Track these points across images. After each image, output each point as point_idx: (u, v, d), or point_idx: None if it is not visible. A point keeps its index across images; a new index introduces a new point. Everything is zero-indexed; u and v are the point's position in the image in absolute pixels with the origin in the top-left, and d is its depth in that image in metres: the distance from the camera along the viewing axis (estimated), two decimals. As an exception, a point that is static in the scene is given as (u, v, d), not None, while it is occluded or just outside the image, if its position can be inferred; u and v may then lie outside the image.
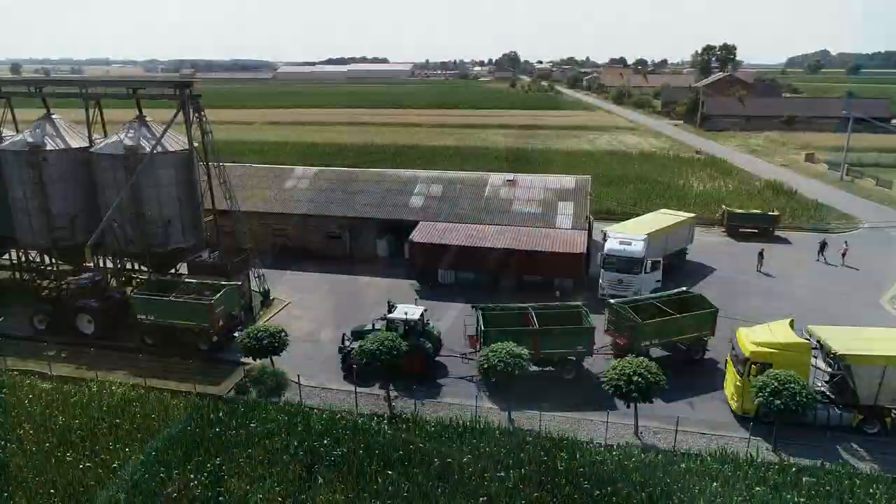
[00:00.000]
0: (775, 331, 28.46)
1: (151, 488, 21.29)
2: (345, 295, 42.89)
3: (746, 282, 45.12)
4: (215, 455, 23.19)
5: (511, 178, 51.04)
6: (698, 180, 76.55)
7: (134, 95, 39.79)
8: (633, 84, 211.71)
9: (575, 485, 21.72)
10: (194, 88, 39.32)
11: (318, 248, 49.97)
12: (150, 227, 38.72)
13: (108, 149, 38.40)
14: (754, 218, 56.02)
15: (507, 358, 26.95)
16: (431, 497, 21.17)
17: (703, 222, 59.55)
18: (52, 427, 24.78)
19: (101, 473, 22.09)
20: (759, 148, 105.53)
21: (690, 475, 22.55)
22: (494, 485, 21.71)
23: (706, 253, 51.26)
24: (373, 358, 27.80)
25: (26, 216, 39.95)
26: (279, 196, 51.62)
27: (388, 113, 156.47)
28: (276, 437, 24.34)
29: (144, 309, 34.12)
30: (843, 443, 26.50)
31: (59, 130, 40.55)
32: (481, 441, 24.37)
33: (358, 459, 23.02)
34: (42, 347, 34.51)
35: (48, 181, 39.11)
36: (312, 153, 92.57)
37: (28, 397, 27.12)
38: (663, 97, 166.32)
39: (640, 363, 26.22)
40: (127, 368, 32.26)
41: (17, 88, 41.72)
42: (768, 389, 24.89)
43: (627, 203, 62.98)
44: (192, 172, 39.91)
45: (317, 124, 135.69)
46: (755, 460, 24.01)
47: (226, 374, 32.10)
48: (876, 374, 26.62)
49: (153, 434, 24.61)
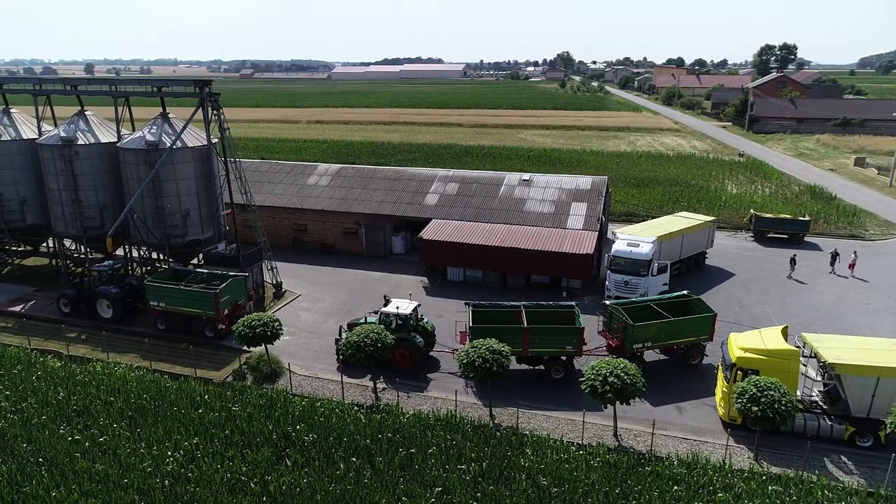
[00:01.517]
0: (765, 337, 27.73)
1: (130, 463, 22.61)
2: (355, 289, 43.87)
3: (764, 288, 43.79)
4: (194, 435, 24.39)
5: (527, 177, 51.03)
6: (735, 183, 74.42)
7: (159, 93, 41.75)
8: (686, 85, 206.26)
9: (533, 481, 21.85)
10: (212, 87, 40.78)
11: (336, 243, 51.22)
12: (170, 219, 40.63)
13: (131, 144, 40.52)
14: (783, 223, 54.13)
15: (486, 354, 27.21)
16: (390, 485, 21.72)
17: (730, 226, 58.17)
18: (53, 402, 26.57)
19: (87, 447, 23.59)
20: (808, 151, 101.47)
21: (653, 478, 22.33)
22: (453, 477, 22.07)
23: (728, 257, 50.04)
24: (356, 350, 28.53)
25: (59, 206, 42.56)
26: (301, 192, 53.15)
27: (430, 112, 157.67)
28: (255, 421, 25.36)
29: (156, 296, 35.92)
30: (833, 455, 25.64)
31: (91, 126, 43.03)
32: (451, 434, 24.73)
33: (327, 445, 23.80)
34: (65, 329, 36.73)
35: (79, 173, 41.55)
36: (348, 151, 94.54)
37: (37, 373, 29.07)
38: (713, 98, 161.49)
39: (618, 364, 26.02)
40: (137, 352, 34.01)
41: (55, 87, 44.37)
42: (746, 396, 24.36)
43: (653, 205, 61.88)
44: (210, 167, 41.65)
45: (359, 123, 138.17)
46: (725, 466, 23.52)
47: (228, 360, 33.41)
48: (868, 385, 25.63)
49: (142, 413, 26.03)
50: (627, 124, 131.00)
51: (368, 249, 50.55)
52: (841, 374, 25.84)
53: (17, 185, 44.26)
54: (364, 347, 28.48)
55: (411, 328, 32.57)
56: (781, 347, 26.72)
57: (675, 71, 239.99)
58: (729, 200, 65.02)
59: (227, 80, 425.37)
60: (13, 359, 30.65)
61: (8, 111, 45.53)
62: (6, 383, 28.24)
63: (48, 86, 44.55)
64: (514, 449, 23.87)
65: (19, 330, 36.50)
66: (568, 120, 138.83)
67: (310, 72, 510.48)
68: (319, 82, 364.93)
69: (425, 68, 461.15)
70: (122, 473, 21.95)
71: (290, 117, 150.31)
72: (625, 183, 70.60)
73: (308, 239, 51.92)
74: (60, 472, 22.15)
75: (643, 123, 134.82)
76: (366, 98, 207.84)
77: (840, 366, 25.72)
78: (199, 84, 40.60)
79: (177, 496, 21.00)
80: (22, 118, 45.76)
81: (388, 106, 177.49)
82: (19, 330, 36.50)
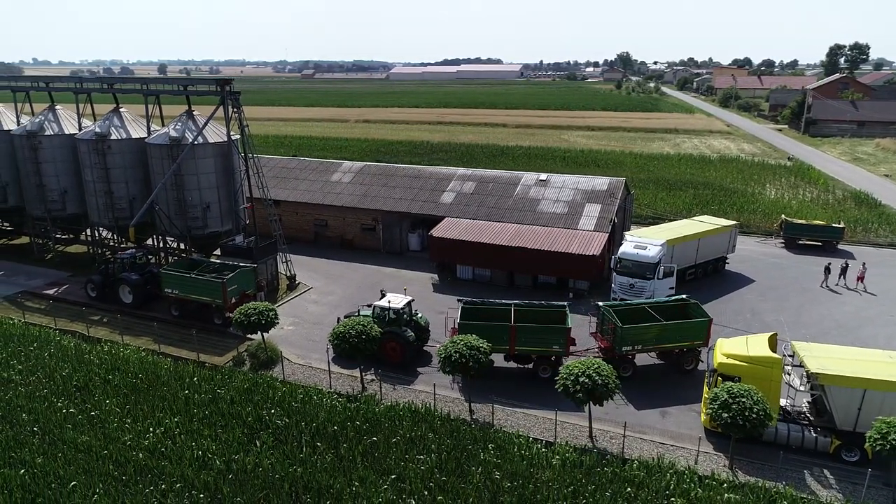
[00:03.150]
0: (750, 344, 27.02)
1: (114, 436, 24.19)
2: (365, 284, 44.88)
3: (783, 296, 42.31)
4: (177, 413, 25.81)
5: (543, 177, 50.88)
6: (776, 188, 71.74)
7: (184, 91, 43.90)
8: (746, 86, 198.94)
9: (487, 475, 22.14)
10: (233, 86, 42.56)
11: (355, 239, 52.47)
12: (191, 211, 42.73)
13: (157, 139, 42.83)
14: (815, 229, 51.94)
15: (463, 350, 27.58)
16: (348, 469, 22.45)
17: (760, 232, 56.33)
18: (57, 377, 28.60)
19: (79, 419, 25.35)
20: (864, 156, 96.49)
21: (609, 479, 22.24)
22: (411, 466, 22.61)
23: (752, 263, 48.55)
24: (341, 340, 29.42)
25: (94, 197, 45.39)
26: (324, 188, 54.66)
27: (476, 113, 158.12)
28: (236, 403, 26.60)
29: (170, 283, 37.92)
30: (815, 468, 24.80)
31: (124, 122, 45.68)
32: (418, 426, 25.26)
33: (298, 430, 24.76)
34: (89, 312, 39.20)
35: (111, 166, 44.23)
36: (387, 150, 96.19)
37: (49, 351, 31.30)
38: (771, 100, 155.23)
39: (591, 364, 25.91)
40: (150, 335, 35.98)
41: (93, 85, 47.26)
42: (718, 401, 23.89)
43: (682, 209, 60.49)
44: (230, 162, 43.50)
45: (405, 123, 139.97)
46: (686, 472, 23.15)
47: (231, 347, 34.92)
48: (854, 397, 24.67)
49: (136, 391, 27.70)
50: (676, 126, 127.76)
51: (385, 246, 51.55)
52: (825, 385, 24.97)
53: (59, 177, 47.34)
54: (349, 339, 29.37)
55: (404, 322, 33.23)
56: (763, 355, 25.97)
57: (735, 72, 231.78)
58: (764, 205, 62.83)
59: (288, 80, 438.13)
60: (32, 337, 33.08)
61: (53, 108, 48.75)
62: (21, 359, 30.55)
63: (88, 85, 47.46)
64: (477, 443, 24.17)
65: (49, 311, 39.15)
66: (615, 121, 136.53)
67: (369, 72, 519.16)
68: (376, 82, 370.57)
69: (482, 69, 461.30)
70: (104, 445, 23.53)
71: (340, 116, 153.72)
72: (657, 185, 69.20)
73: (329, 234, 53.38)
74: (51, 442, 23.94)
75: (693, 125, 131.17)
76: (416, 98, 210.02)
77: (824, 376, 24.85)
78: (221, 83, 42.49)
79: (148, 469, 22.37)
80: (65, 114, 48.90)
81: (437, 106, 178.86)
82: (49, 311, 39.15)
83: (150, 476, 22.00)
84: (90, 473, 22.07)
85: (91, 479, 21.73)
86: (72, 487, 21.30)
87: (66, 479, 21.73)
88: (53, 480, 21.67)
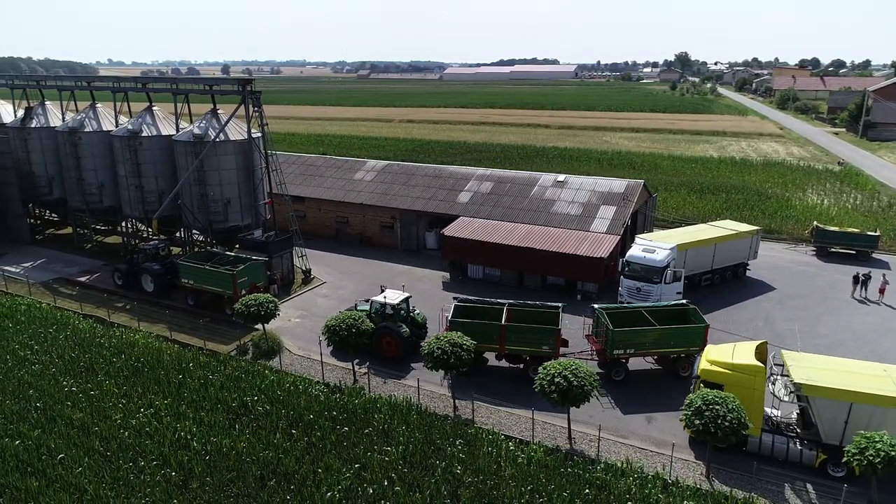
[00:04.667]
0: (736, 351, 26.36)
1: (107, 414, 25.72)
2: (378, 280, 45.54)
3: (802, 305, 40.80)
4: (167, 396, 27.18)
5: (561, 178, 50.57)
6: (818, 193, 68.88)
7: (210, 91, 45.78)
8: (807, 88, 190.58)
9: (450, 468, 22.48)
10: (253, 86, 44.12)
11: (374, 236, 53.45)
12: (213, 206, 44.58)
13: (182, 136, 44.87)
14: (847, 237, 49.69)
15: (446, 346, 27.94)
16: (317, 457, 23.20)
17: (792, 238, 54.36)
18: (67, 358, 30.52)
19: (79, 398, 27.02)
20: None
21: (570, 479, 22.21)
22: (377, 456, 23.17)
23: (777, 270, 46.97)
24: (332, 333, 30.26)
25: (126, 191, 47.89)
26: (346, 186, 55.88)
27: (520, 113, 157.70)
28: (225, 389, 27.78)
29: (186, 274, 39.70)
30: (799, 482, 24.05)
31: (156, 120, 48.02)
32: (393, 418, 25.79)
33: (277, 417, 25.69)
34: (113, 299, 41.47)
35: (142, 162, 46.59)
36: (421, 149, 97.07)
37: (65, 333, 33.36)
38: (830, 102, 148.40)
39: (570, 365, 25.84)
40: (166, 322, 37.79)
41: (129, 85, 49.84)
42: (692, 408, 23.48)
43: (710, 213, 58.86)
44: (250, 159, 45.11)
45: (448, 123, 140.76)
46: (648, 477, 22.86)
47: (237, 336, 36.30)
48: (841, 410, 23.76)
49: (135, 373, 29.28)
50: (724, 129, 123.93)
51: (402, 244, 52.31)
52: (809, 397, 24.15)
53: (97, 171, 50.12)
54: (339, 332, 30.19)
55: (400, 318, 33.84)
56: (746, 363, 25.29)
57: (796, 72, 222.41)
58: (800, 211, 60.48)
59: (344, 80, 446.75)
60: (51, 320, 35.30)
61: (94, 106, 51.67)
62: (38, 339, 32.70)
63: (124, 84, 50.08)
64: (446, 438, 24.51)
65: (78, 297, 41.60)
66: (661, 123, 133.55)
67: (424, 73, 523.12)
68: (429, 83, 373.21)
69: (536, 69, 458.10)
70: (95, 422, 25.04)
71: (385, 116, 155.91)
72: (688, 189, 67.53)
73: (349, 231, 54.55)
74: (50, 417, 25.64)
75: (743, 128, 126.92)
76: (462, 98, 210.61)
77: (808, 387, 24.04)
78: (242, 83, 44.14)
79: (131, 446, 23.70)
80: (104, 112, 51.75)
81: (482, 106, 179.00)
82: (78, 297, 41.60)
83: (131, 453, 23.31)
84: (78, 448, 23.57)
85: (78, 453, 23.20)
86: (59, 460, 22.81)
87: (57, 451, 23.29)
88: (45, 453, 23.26)
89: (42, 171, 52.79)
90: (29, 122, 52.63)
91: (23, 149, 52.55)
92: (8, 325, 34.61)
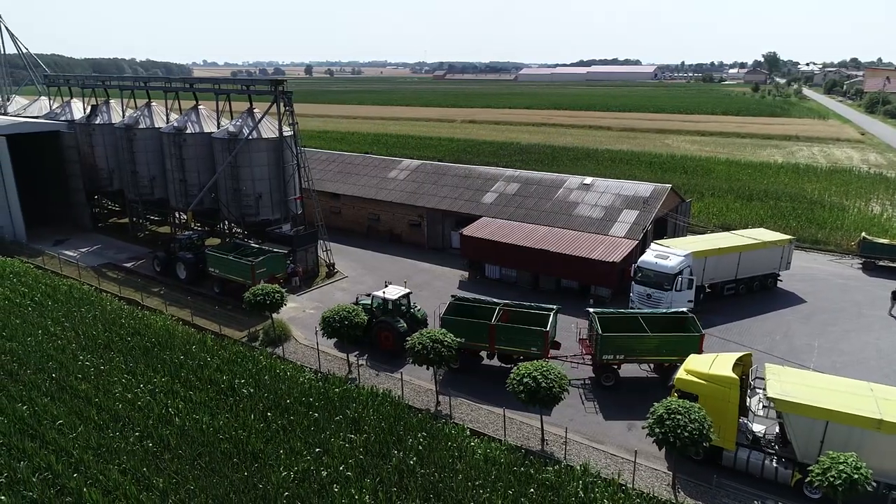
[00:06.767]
0: (715, 362, 25.58)
1: (108, 387, 28.04)
2: (399, 276, 46.62)
3: (831, 320, 38.68)
4: (166, 374, 29.26)
5: (588, 181, 49.96)
6: (883, 204, 64.44)
7: (247, 91, 48.31)
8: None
9: (405, 459, 23.17)
10: (285, 86, 46.20)
11: (402, 234, 54.65)
12: (245, 200, 47.04)
13: (219, 134, 47.58)
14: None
15: (427, 342, 28.59)
16: (284, 438, 24.45)
17: (839, 250, 51.39)
18: (89, 335, 33.29)
19: (90, 372, 29.51)
20: None
21: (521, 480, 22.39)
22: (339, 443, 24.17)
23: (813, 283, 44.68)
24: (326, 324, 31.54)
25: (172, 184, 51.26)
26: (379, 184, 57.38)
27: (583, 115, 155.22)
28: (220, 371, 29.57)
29: (213, 263, 42.22)
30: (770, 500, 23.18)
31: (200, 118, 51.08)
32: (365, 409, 26.72)
33: (259, 398, 27.19)
34: (149, 284, 44.62)
35: (186, 157, 49.73)
36: (472, 150, 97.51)
37: (94, 313, 36.32)
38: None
39: (541, 366, 25.91)
40: (191, 307, 40.35)
41: (178, 85, 53.25)
42: (654, 416, 23.11)
43: (752, 220, 56.36)
44: (281, 156, 47.25)
45: (510, 124, 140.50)
46: (601, 482, 22.67)
47: (252, 324, 38.29)
48: (816, 428, 22.73)
49: (145, 352, 31.62)
50: (798, 133, 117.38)
51: (429, 242, 53.21)
52: (783, 412, 23.22)
53: (149, 165, 53.87)
54: (332, 323, 31.45)
55: (398, 313, 34.75)
56: (720, 374, 24.52)
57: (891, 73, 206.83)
58: (855, 221, 56.90)
59: (421, 80, 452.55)
60: (85, 300, 38.47)
61: (149, 104, 55.53)
62: (70, 317, 35.79)
63: (174, 84, 53.55)
64: (411, 430, 25.18)
65: (120, 281, 45.01)
66: (730, 126, 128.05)
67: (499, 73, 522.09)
68: (503, 83, 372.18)
69: (613, 70, 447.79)
70: (96, 394, 27.36)
71: (449, 116, 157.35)
72: (735, 195, 64.83)
73: (380, 228, 56.00)
74: (59, 388, 28.20)
75: (819, 132, 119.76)
76: (528, 99, 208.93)
77: (782, 402, 23.16)
78: (274, 84, 46.35)
79: (121, 418, 25.78)
80: (158, 110, 55.50)
81: (547, 108, 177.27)
82: (120, 281, 45.01)
83: (121, 424, 25.37)
84: (77, 416, 25.87)
85: (75, 421, 25.49)
86: (57, 425, 25.15)
87: (58, 418, 25.67)
88: (47, 418, 25.69)
89: (104, 164, 57.24)
90: (94, 119, 57.19)
91: (87, 143, 57.18)
92: (48, 303, 38.02)
